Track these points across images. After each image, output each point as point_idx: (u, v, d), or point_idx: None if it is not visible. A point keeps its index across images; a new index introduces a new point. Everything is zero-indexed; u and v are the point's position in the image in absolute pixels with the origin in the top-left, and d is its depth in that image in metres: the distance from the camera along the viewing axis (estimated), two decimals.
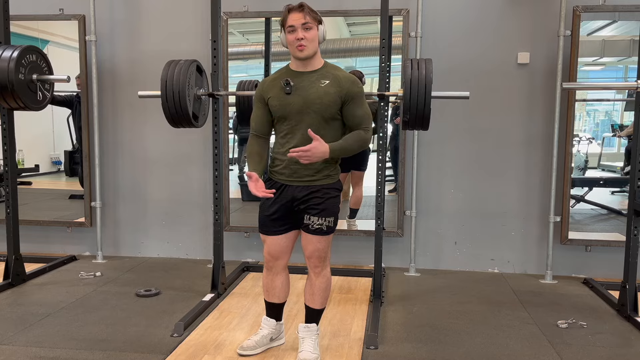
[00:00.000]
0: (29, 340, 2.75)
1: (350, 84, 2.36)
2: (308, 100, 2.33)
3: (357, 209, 4.31)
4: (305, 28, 2.29)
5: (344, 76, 2.38)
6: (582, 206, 4.25)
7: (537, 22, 3.86)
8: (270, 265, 2.56)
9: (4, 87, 3.24)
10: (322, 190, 2.41)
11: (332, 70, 2.40)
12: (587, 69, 4.07)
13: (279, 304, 2.64)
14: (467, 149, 4.03)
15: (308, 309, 2.57)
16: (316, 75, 2.37)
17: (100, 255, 4.27)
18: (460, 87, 3.46)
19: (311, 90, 2.34)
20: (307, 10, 2.31)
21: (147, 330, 2.89)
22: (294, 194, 2.41)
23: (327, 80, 2.35)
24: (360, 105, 2.39)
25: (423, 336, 2.86)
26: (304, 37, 2.29)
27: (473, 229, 4.07)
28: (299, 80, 2.36)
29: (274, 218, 2.46)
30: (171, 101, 3.12)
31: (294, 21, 2.29)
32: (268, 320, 2.64)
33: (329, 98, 2.33)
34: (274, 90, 2.39)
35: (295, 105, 2.34)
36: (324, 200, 2.40)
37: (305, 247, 2.47)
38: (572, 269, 3.99)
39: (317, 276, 2.50)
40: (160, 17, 4.19)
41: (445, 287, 3.72)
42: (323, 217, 2.40)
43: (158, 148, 4.29)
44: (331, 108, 2.34)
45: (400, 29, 3.90)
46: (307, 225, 2.42)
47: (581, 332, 2.94)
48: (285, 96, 2.35)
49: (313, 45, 2.32)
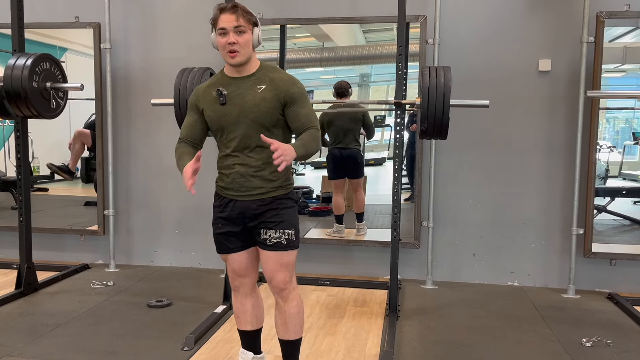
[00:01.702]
0: (38, 352, 2.71)
1: (289, 85, 2.13)
2: (244, 109, 2.10)
3: (361, 212, 4.32)
4: (238, 32, 2.06)
5: (281, 78, 2.15)
6: (604, 217, 4.12)
7: (559, 28, 3.76)
8: (236, 285, 2.30)
9: (17, 95, 3.23)
10: (276, 202, 2.16)
11: (269, 72, 2.16)
12: (608, 75, 3.97)
13: (254, 331, 2.35)
14: (486, 158, 3.92)
15: (283, 344, 2.26)
16: (252, 80, 2.14)
17: (112, 264, 4.24)
18: (480, 95, 3.36)
19: (247, 97, 2.11)
20: (240, 12, 2.08)
21: (157, 343, 2.83)
22: (243, 209, 2.16)
23: (263, 84, 2.13)
24: (303, 105, 2.15)
25: (440, 353, 2.76)
26: (236, 42, 2.06)
27: (492, 241, 3.96)
28: (235, 87, 2.14)
29: (227, 237, 2.22)
30: (184, 109, 3.08)
31: (226, 23, 2.06)
32: (245, 354, 2.34)
33: (266, 104, 2.10)
34: (208, 99, 2.17)
35: (231, 115, 2.12)
36: (279, 211, 2.16)
37: (266, 267, 2.18)
38: (596, 283, 3.85)
39: (286, 301, 2.20)
40: (175, 24, 4.17)
41: (464, 300, 3.61)
42: (281, 230, 2.14)
43: (171, 156, 4.13)
44: (271, 115, 2.11)
45: (417, 35, 3.82)
46: (263, 240, 2.16)
47: (607, 351, 2.81)
48: (220, 107, 2.13)
49: (246, 50, 2.09)
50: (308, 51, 4.61)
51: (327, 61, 4.55)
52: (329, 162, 4.34)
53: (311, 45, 4.56)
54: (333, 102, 4.19)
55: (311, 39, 4.51)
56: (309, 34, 4.43)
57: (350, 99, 4.23)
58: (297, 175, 5.02)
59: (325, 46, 4.53)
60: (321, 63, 4.55)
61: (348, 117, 4.28)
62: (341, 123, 4.26)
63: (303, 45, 4.61)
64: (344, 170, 4.30)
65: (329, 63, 4.57)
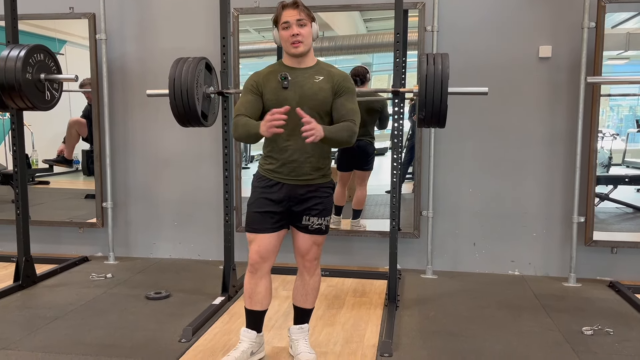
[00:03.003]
0: (35, 344, 2.70)
1: (343, 80, 2.36)
2: (304, 96, 2.30)
3: (360, 209, 4.18)
4: (300, 25, 2.28)
5: (338, 73, 2.39)
6: (607, 205, 4.09)
7: (559, 13, 3.70)
8: (256, 268, 2.42)
9: (11, 87, 3.20)
10: (320, 190, 2.39)
11: (326, 67, 2.40)
12: (611, 62, 3.91)
13: (261, 312, 2.50)
14: (486, 147, 3.88)
15: (300, 310, 2.54)
16: (310, 71, 2.35)
17: (112, 257, 4.23)
18: (479, 82, 3.31)
19: (306, 86, 2.31)
20: (301, 7, 2.30)
21: (155, 335, 2.82)
22: (290, 192, 2.35)
23: (321, 76, 2.34)
24: (351, 100, 2.36)
25: (439, 343, 2.74)
26: (299, 34, 2.27)
27: (492, 230, 3.93)
28: (294, 75, 2.33)
29: (266, 216, 2.36)
30: (179, 100, 3.05)
31: (289, 17, 2.28)
32: (248, 332, 2.48)
33: (324, 94, 2.31)
34: (270, 84, 2.33)
35: (290, 101, 2.27)
36: (322, 199, 2.39)
37: (301, 246, 2.43)
38: (597, 271, 3.82)
39: (312, 276, 2.49)
40: (171, 14, 4.12)
41: (463, 290, 3.59)
42: (322, 217, 2.40)
43: (169, 147, 4.23)
44: (326, 104, 2.33)
45: (417, 24, 3.77)
46: (305, 226, 2.39)
47: (607, 340, 2.79)
48: (282, 91, 2.30)
49: (308, 41, 2.31)
50: None
51: (327, 50, 4.50)
52: (340, 153, 4.21)
53: None
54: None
55: None
56: None
57: (368, 85, 4.04)
58: None
59: (326, 35, 4.49)
60: (321, 53, 4.50)
61: (364, 108, 4.04)
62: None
63: None
64: (354, 162, 4.15)
65: (329, 52, 4.52)
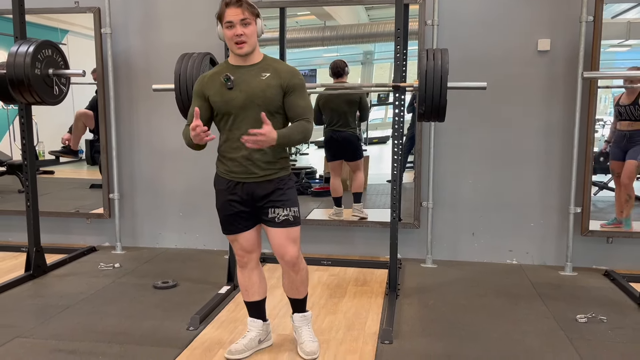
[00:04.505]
0: (48, 332, 2.80)
1: (291, 76, 2.31)
2: (251, 94, 2.27)
3: (360, 192, 4.30)
4: (244, 24, 2.23)
5: (284, 68, 2.34)
6: (605, 194, 4.16)
7: (558, 7, 3.74)
8: (244, 262, 2.50)
9: (20, 82, 3.27)
10: (281, 182, 2.36)
11: (272, 63, 2.35)
12: (613, 50, 3.95)
13: (261, 301, 2.59)
14: (486, 139, 3.95)
15: (294, 301, 2.57)
16: (256, 68, 2.31)
17: (119, 247, 4.32)
18: (479, 76, 3.38)
19: (253, 84, 2.27)
20: (245, 5, 2.23)
21: (163, 324, 2.92)
22: (251, 190, 2.34)
23: (267, 72, 2.30)
24: (302, 96, 2.32)
25: (439, 331, 2.84)
26: (243, 33, 2.22)
27: (491, 220, 4.02)
28: (240, 74, 2.29)
29: (238, 217, 2.39)
30: (185, 94, 3.12)
31: (232, 17, 2.22)
32: (254, 322, 2.58)
33: (272, 91, 2.27)
34: (214, 86, 2.31)
35: (238, 100, 2.27)
36: (285, 191, 2.36)
37: (276, 244, 2.39)
38: (593, 260, 3.91)
39: (297, 272, 2.46)
40: (175, 8, 4.17)
41: (462, 279, 3.68)
42: (288, 208, 2.36)
43: (174, 140, 4.29)
44: (275, 101, 2.29)
45: (418, 12, 3.80)
46: (272, 219, 2.36)
47: (601, 327, 2.88)
48: (227, 92, 2.28)
49: (252, 40, 2.26)
50: (310, 30, 4.59)
51: (329, 40, 4.53)
52: (325, 144, 4.32)
53: (313, 23, 4.55)
54: (331, 86, 4.17)
55: (312, 17, 4.49)
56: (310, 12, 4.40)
57: (347, 78, 4.18)
58: (300, 154, 5.05)
59: (327, 25, 4.51)
60: (323, 42, 4.53)
61: (344, 99, 4.23)
62: (336, 105, 4.23)
63: (305, 23, 4.59)
64: (340, 153, 4.29)
65: (331, 42, 4.54)
